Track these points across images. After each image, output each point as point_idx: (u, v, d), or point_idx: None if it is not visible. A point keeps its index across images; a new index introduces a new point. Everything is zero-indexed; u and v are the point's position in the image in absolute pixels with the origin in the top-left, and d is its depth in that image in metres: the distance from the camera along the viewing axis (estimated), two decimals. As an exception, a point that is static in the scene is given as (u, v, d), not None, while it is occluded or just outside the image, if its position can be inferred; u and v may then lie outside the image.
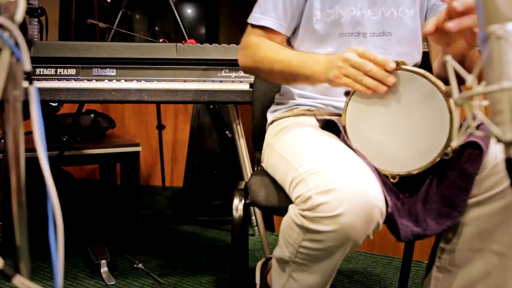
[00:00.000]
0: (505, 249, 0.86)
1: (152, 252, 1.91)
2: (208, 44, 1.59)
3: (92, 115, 2.33)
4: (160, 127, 2.74)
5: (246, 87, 1.52)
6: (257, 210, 1.87)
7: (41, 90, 1.46)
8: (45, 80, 1.51)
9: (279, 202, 0.96)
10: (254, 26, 1.13)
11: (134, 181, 2.28)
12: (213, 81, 1.56)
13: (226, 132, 2.21)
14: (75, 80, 1.52)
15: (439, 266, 0.94)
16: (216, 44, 1.59)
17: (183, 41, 1.78)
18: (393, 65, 0.85)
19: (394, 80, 0.85)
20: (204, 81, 1.55)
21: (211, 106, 2.23)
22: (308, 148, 0.90)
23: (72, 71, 1.55)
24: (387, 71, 0.85)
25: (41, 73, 1.53)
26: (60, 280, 0.65)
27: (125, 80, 1.54)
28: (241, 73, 1.58)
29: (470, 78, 0.60)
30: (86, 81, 1.52)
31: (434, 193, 0.89)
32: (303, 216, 0.80)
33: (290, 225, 0.84)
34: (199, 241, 2.08)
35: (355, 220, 0.75)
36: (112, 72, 1.55)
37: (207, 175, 2.31)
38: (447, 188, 0.87)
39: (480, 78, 0.57)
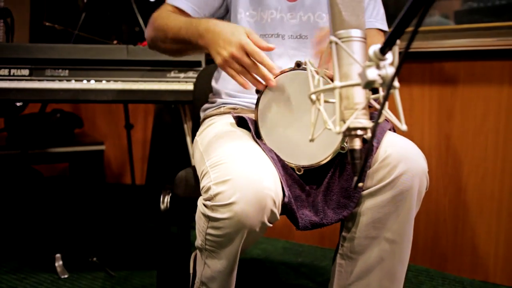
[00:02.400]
0: (395, 236, 0.94)
1: (110, 246, 1.97)
2: (158, 46, 1.65)
3: (58, 115, 2.38)
4: (128, 126, 2.79)
5: (190, 87, 1.59)
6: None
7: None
8: (-2, 80, 1.57)
9: (195, 195, 1.02)
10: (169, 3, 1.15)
11: (99, 179, 2.33)
12: (160, 81, 1.62)
13: (186, 131, 2.27)
14: (26, 81, 1.58)
15: (342, 253, 1.01)
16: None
17: (138, 43, 1.84)
18: (276, 72, 0.92)
19: (274, 83, 0.91)
20: (152, 81, 1.62)
21: (172, 106, 2.29)
22: (217, 143, 0.96)
23: (25, 72, 1.60)
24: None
25: (-5, 73, 1.59)
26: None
27: (75, 81, 1.60)
28: (189, 74, 1.64)
29: (316, 78, 0.67)
30: (37, 81, 1.58)
31: (335, 185, 0.96)
32: (205, 206, 0.87)
33: (199, 215, 0.91)
34: (158, 236, 2.14)
35: (247, 208, 0.82)
36: (64, 73, 1.61)
37: (169, 173, 2.36)
38: (345, 181, 0.95)
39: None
